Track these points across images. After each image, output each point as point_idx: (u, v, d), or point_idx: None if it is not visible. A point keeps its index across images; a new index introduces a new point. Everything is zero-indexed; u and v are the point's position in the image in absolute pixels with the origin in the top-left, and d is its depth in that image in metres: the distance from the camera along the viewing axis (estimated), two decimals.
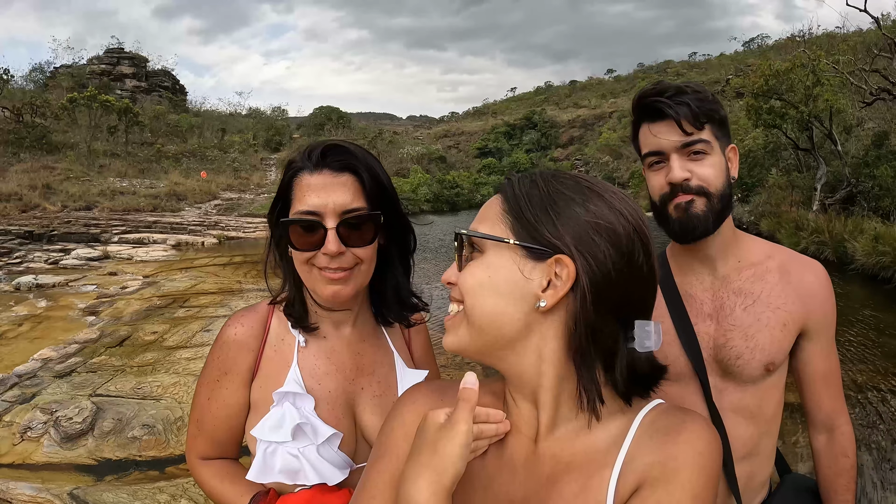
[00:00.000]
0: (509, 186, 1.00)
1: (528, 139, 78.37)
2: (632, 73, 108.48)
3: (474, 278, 0.96)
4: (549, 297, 0.92)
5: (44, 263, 14.89)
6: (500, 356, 0.97)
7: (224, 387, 1.47)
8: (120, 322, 9.29)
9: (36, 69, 47.77)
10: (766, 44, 77.48)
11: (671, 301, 1.69)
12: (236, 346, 1.48)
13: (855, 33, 30.06)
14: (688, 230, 1.57)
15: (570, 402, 0.98)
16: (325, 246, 1.36)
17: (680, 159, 1.55)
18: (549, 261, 0.92)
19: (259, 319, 1.52)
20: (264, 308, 1.55)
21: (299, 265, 1.42)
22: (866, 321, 9.10)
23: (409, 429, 1.03)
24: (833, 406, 1.71)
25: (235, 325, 1.49)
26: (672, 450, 0.91)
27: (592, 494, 0.93)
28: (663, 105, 1.54)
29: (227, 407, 1.48)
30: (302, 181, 1.41)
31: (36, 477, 4.70)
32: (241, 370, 1.47)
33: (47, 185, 22.82)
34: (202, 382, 1.51)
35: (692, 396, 1.67)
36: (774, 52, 45.03)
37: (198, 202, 25.65)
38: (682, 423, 0.95)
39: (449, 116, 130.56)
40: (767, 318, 1.62)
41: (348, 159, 1.41)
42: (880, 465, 4.82)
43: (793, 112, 18.08)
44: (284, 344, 1.51)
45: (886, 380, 6.67)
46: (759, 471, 1.74)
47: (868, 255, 12.74)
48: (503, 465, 1.01)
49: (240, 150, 39.07)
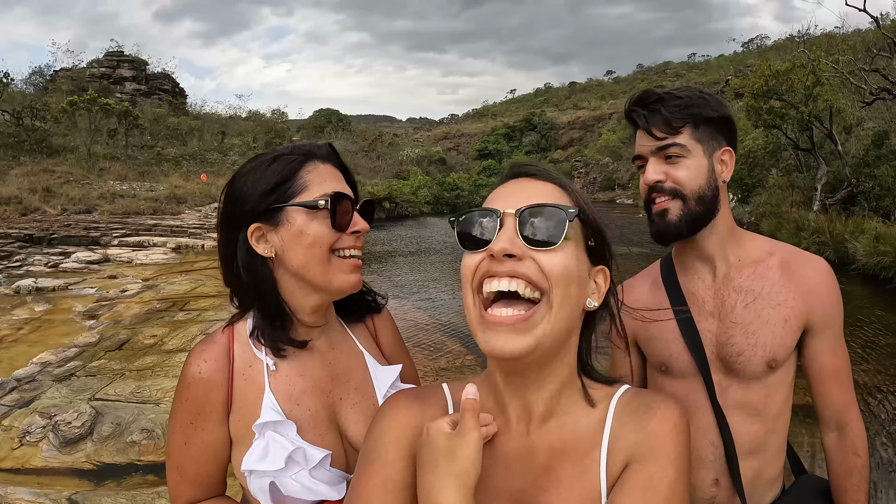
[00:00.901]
0: (567, 183, 1.06)
1: (528, 141, 78.65)
2: (631, 75, 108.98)
3: (564, 263, 0.97)
4: (596, 298, 1.05)
5: (44, 267, 14.88)
6: (551, 357, 1.01)
7: (200, 428, 1.39)
8: (119, 325, 9.28)
9: (36, 72, 47.83)
10: (765, 44, 77.74)
11: (675, 301, 1.72)
12: (203, 384, 1.39)
13: (854, 33, 30.08)
14: (660, 232, 1.65)
15: (569, 393, 1.06)
16: (356, 224, 1.42)
17: (656, 162, 1.62)
18: (596, 268, 1.05)
19: (220, 351, 1.43)
20: (223, 336, 1.46)
21: (319, 258, 1.38)
22: (868, 321, 9.12)
23: (398, 433, 1.05)
24: (843, 402, 1.70)
25: (198, 363, 1.40)
26: (653, 427, 1.01)
27: (588, 476, 1.02)
28: (635, 115, 1.64)
29: (208, 448, 1.41)
30: (318, 168, 1.42)
31: (35, 482, 4.68)
32: (214, 408, 1.39)
33: (47, 189, 22.81)
34: (174, 427, 1.41)
35: (696, 393, 1.69)
36: (774, 52, 45.07)
37: (198, 205, 25.67)
38: (653, 401, 1.06)
39: (449, 118, 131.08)
40: (769, 315, 1.64)
41: (340, 158, 1.51)
42: (884, 468, 4.81)
43: (793, 112, 18.10)
44: (253, 370, 1.43)
45: (888, 380, 6.66)
46: (768, 468, 1.73)
47: (869, 255, 12.79)
48: (496, 462, 1.05)
49: (240, 153, 39.10)
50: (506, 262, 0.94)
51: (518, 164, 1.09)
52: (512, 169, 1.09)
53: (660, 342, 1.73)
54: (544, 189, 1.02)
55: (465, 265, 0.99)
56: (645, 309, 1.62)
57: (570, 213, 0.96)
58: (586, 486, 1.02)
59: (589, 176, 63.04)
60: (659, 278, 1.80)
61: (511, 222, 0.95)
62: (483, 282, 0.96)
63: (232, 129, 46.60)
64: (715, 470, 1.70)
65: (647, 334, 1.76)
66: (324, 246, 1.37)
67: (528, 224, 0.95)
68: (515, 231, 0.95)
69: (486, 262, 0.95)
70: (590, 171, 63.70)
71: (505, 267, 0.93)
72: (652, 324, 1.73)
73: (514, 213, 0.95)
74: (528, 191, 1.01)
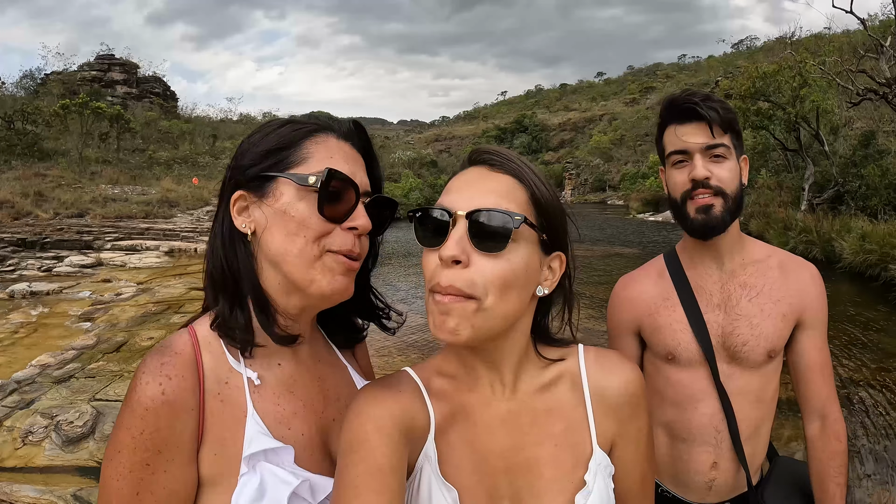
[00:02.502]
0: (524, 172, 1.07)
1: (519, 143, 78.71)
2: (622, 76, 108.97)
3: (503, 273, 1.00)
4: (548, 285, 1.10)
5: (37, 271, 14.85)
6: (497, 339, 1.08)
7: (161, 471, 1.01)
8: (116, 328, 9.33)
9: (27, 76, 47.64)
10: (755, 46, 78.04)
11: (683, 293, 1.84)
12: (168, 409, 1.01)
13: (842, 34, 30.29)
14: (708, 228, 1.73)
15: (529, 359, 1.15)
16: (357, 219, 1.13)
17: (703, 159, 1.70)
18: (552, 255, 1.09)
19: (186, 363, 1.07)
20: (185, 343, 1.10)
21: (300, 248, 1.11)
22: (853, 318, 9.29)
23: (378, 422, 1.03)
24: (827, 394, 1.84)
25: (158, 379, 1.02)
26: (629, 388, 1.17)
27: (578, 428, 1.14)
28: (697, 107, 1.69)
29: (172, 497, 1.02)
30: (329, 142, 1.17)
31: (39, 479, 4.76)
32: (181, 442, 1.03)
33: (39, 193, 22.77)
34: (118, 473, 1.00)
35: (702, 381, 1.82)
36: (763, 53, 45.37)
37: (190, 208, 25.62)
38: (619, 361, 1.21)
39: (440, 121, 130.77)
40: (770, 309, 1.79)
41: (368, 142, 1.26)
42: (867, 458, 4.93)
43: (780, 113, 18.30)
44: (230, 387, 1.10)
45: (872, 375, 6.82)
46: (759, 452, 1.89)
47: (855, 253, 12.96)
48: (478, 428, 1.11)
49: (231, 156, 38.88)
50: (452, 269, 0.99)
51: (476, 151, 1.10)
52: (471, 155, 1.10)
53: (667, 331, 1.83)
54: (499, 183, 1.04)
55: (424, 265, 1.05)
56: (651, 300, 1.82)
57: (515, 220, 0.99)
58: (577, 438, 1.13)
59: (580, 177, 63.17)
60: (665, 271, 1.90)
61: (462, 226, 1.00)
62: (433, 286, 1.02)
63: (223, 132, 46.51)
64: (716, 453, 1.83)
65: (655, 324, 1.86)
66: (308, 235, 1.10)
67: (476, 227, 0.99)
68: (465, 234, 0.99)
69: (437, 267, 1.01)
70: (581, 173, 63.81)
71: (449, 276, 0.98)
72: (659, 314, 1.85)
73: (464, 216, 1.00)
74: (482, 185, 1.04)
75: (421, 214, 1.05)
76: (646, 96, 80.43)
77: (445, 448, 1.08)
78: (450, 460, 1.08)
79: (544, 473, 1.11)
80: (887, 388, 6.43)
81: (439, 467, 1.07)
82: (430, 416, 1.09)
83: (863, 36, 20.60)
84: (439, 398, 1.11)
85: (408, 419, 1.06)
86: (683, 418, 1.84)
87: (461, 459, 1.09)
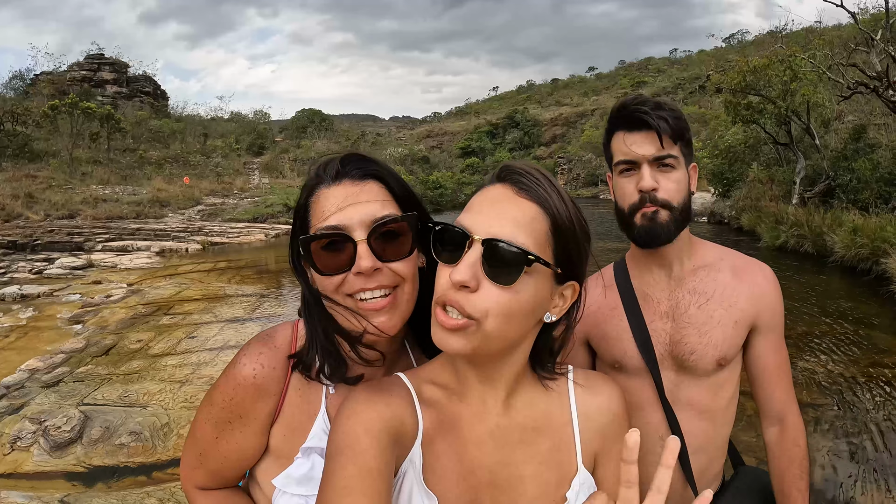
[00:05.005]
0: (550, 199, 1.04)
1: (511, 138, 78.71)
2: (613, 71, 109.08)
3: (509, 304, 1.01)
4: (556, 312, 1.11)
5: (28, 273, 14.76)
6: (496, 356, 1.10)
7: (238, 430, 1.25)
8: (105, 331, 9.27)
9: (16, 76, 47.42)
10: (745, 40, 78.19)
11: (627, 302, 1.80)
12: (255, 390, 1.24)
13: (833, 28, 30.38)
14: (652, 237, 1.67)
15: (525, 378, 1.17)
16: (357, 263, 1.16)
17: (650, 170, 1.64)
18: (566, 284, 1.10)
19: (280, 358, 1.26)
20: (285, 338, 1.30)
21: (327, 301, 1.23)
22: (844, 313, 9.25)
23: (368, 425, 1.04)
24: (784, 398, 1.80)
25: (254, 364, 1.24)
26: (612, 408, 1.22)
27: (564, 447, 1.17)
28: (646, 116, 1.62)
29: (240, 451, 1.27)
30: (320, 197, 1.22)
31: (27, 485, 4.72)
32: (259, 416, 1.25)
33: (29, 194, 22.70)
34: (209, 418, 1.27)
35: (646, 390, 1.77)
36: (754, 47, 45.41)
37: (181, 208, 25.60)
38: (603, 382, 1.25)
39: (432, 117, 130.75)
40: (720, 316, 1.72)
41: (369, 166, 1.25)
42: (860, 455, 4.94)
43: (771, 107, 18.32)
44: (311, 387, 1.28)
45: (862, 370, 6.82)
46: (712, 464, 1.84)
47: (847, 247, 12.98)
48: (467, 442, 1.12)
49: (222, 155, 38.97)
50: (460, 291, 1.00)
51: (506, 169, 1.08)
52: (500, 171, 1.09)
53: (613, 341, 1.79)
54: (522, 211, 1.02)
55: (437, 278, 1.05)
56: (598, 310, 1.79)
57: (529, 259, 0.99)
58: (563, 457, 1.16)
59: (572, 172, 63.21)
60: (612, 281, 1.85)
61: (476, 250, 0.99)
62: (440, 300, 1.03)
63: (214, 130, 46.48)
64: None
65: (602, 333, 1.81)
66: (328, 291, 1.21)
67: (490, 255, 0.99)
68: (479, 259, 0.99)
69: (447, 283, 1.01)
70: (573, 168, 63.86)
71: (457, 298, 0.99)
72: (606, 323, 1.80)
73: (480, 242, 0.99)
74: (504, 210, 1.02)
75: (439, 229, 1.07)
76: (637, 91, 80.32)
77: (431, 456, 1.09)
78: (434, 468, 1.09)
79: (528, 490, 1.13)
80: (878, 384, 6.45)
81: (423, 474, 1.08)
82: (418, 423, 1.09)
83: (854, 30, 20.63)
84: (429, 406, 1.12)
85: (397, 423, 1.06)
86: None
87: (445, 469, 1.10)
